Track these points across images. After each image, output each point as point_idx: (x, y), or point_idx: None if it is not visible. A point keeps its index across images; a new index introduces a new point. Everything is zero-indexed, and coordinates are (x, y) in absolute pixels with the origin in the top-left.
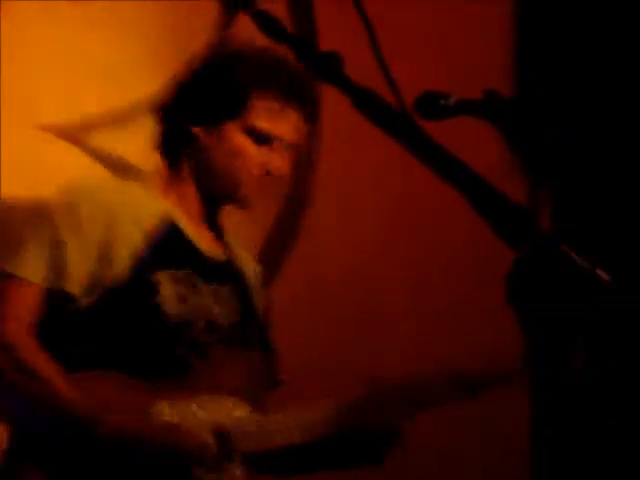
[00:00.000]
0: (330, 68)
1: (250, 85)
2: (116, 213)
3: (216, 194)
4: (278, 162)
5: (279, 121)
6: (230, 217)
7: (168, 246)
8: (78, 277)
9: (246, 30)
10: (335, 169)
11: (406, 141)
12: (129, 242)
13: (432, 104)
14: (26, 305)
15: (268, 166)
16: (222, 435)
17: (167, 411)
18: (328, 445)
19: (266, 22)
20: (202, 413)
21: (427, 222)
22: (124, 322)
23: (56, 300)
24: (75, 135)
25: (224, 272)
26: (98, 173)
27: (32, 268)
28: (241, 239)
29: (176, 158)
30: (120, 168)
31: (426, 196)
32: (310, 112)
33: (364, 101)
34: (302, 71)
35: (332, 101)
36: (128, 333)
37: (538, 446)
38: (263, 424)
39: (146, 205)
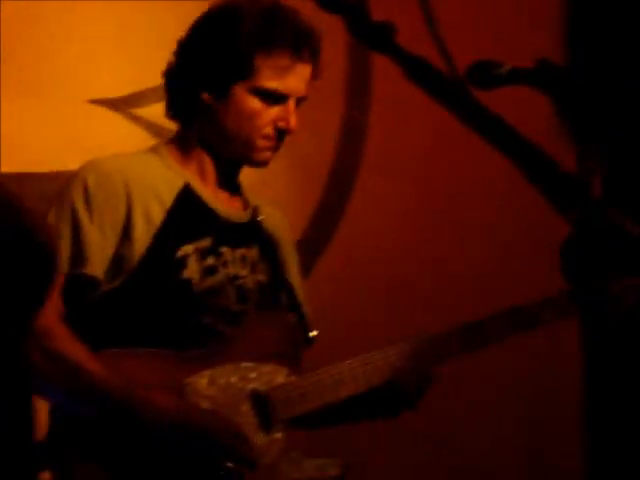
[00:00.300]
0: (383, 38)
1: (255, 45)
2: (134, 190)
3: (231, 157)
4: (289, 118)
5: (287, 77)
6: (278, 187)
7: (189, 217)
8: (100, 260)
9: (295, 2)
10: (384, 140)
11: (459, 109)
12: (149, 216)
13: (484, 73)
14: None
15: (279, 123)
16: (263, 403)
17: (204, 383)
18: (360, 398)
19: None
20: (241, 382)
21: (476, 195)
22: (154, 301)
23: (83, 285)
24: (129, 108)
25: (249, 234)
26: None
27: None
28: (285, 208)
29: (189, 125)
30: None
31: (476, 168)
32: (317, 62)
33: (417, 70)
34: (305, 21)
35: (382, 72)
36: (159, 311)
37: (590, 396)
38: (302, 387)
39: (164, 178)
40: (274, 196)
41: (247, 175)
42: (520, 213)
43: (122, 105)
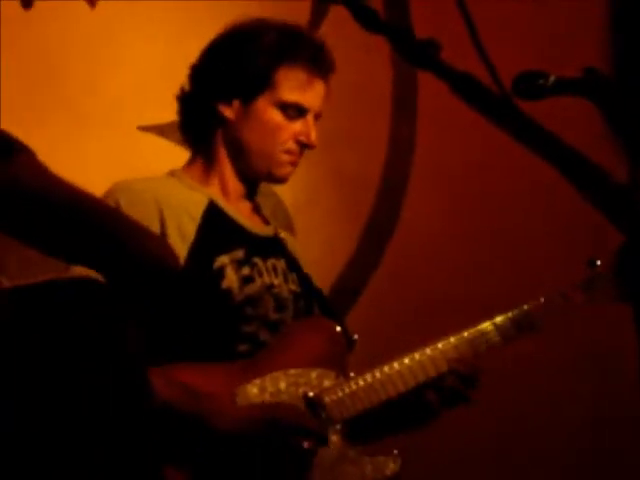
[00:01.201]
0: (427, 55)
1: (276, 59)
2: (164, 206)
3: (252, 172)
4: (309, 133)
5: (307, 92)
6: (326, 206)
7: (219, 231)
8: None
9: (340, 21)
10: (432, 155)
11: (505, 123)
12: (182, 231)
13: (530, 84)
14: None
15: (300, 137)
16: (315, 405)
17: (255, 391)
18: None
19: (361, 12)
20: (291, 388)
21: (528, 208)
22: (197, 313)
23: None
24: (176, 133)
25: (275, 247)
26: None
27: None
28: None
29: (208, 143)
30: None
31: (526, 180)
32: (329, 80)
33: (462, 86)
34: (320, 39)
35: (428, 86)
36: (202, 323)
37: None
38: (352, 388)
39: (189, 197)
40: (323, 216)
41: (295, 197)
42: (570, 226)
43: (169, 131)
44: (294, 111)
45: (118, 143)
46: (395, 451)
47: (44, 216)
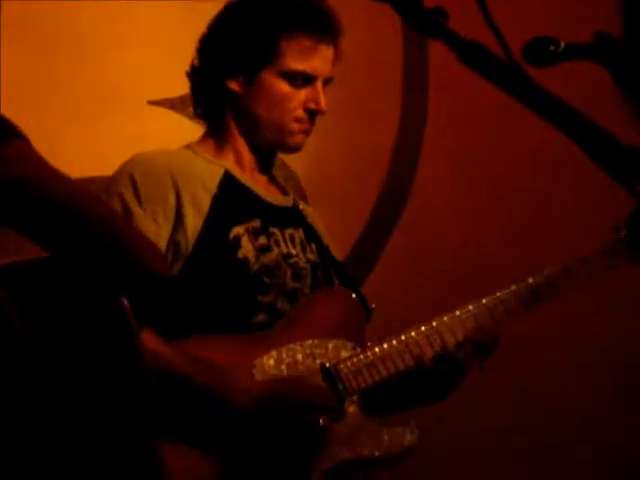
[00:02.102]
0: (435, 24)
1: (278, 28)
2: (179, 177)
3: (265, 144)
4: (318, 99)
5: (313, 58)
6: (339, 178)
7: (236, 201)
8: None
9: None
10: (444, 124)
11: (515, 91)
12: (197, 202)
13: (541, 50)
14: None
15: (309, 105)
16: (332, 376)
17: (272, 363)
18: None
19: None
20: (308, 359)
21: (541, 177)
22: (214, 283)
23: None
24: (187, 107)
25: (293, 217)
26: None
27: None
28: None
29: (220, 117)
30: None
31: (540, 149)
32: (339, 42)
33: (470, 54)
34: (325, 3)
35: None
36: (219, 293)
37: None
38: (369, 358)
39: (204, 168)
40: (336, 187)
41: (307, 169)
42: (587, 197)
43: (180, 104)
44: (301, 79)
45: (129, 118)
46: (412, 422)
47: (32, 205)
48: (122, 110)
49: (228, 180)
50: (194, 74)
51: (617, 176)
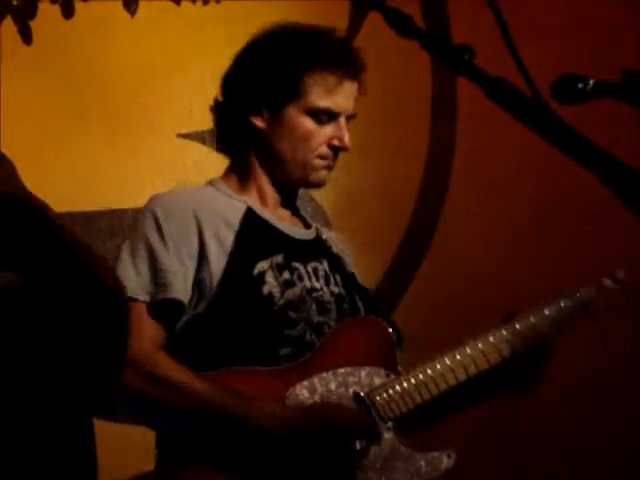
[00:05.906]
0: (462, 60)
1: (303, 65)
2: (202, 217)
3: (288, 180)
4: (342, 136)
5: (337, 95)
6: (368, 210)
7: (258, 237)
8: (182, 285)
9: (379, 26)
10: (472, 158)
11: (540, 128)
12: (221, 240)
13: (570, 88)
14: (141, 321)
15: (333, 142)
16: (366, 404)
17: (305, 393)
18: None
19: (397, 19)
20: (341, 388)
21: (567, 210)
22: (240, 320)
23: (169, 311)
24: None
25: (316, 250)
26: None
27: (133, 284)
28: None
29: (243, 153)
30: None
31: (566, 183)
32: (362, 78)
33: (496, 90)
34: (347, 39)
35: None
36: (246, 329)
37: None
38: (403, 385)
39: (226, 205)
40: (365, 220)
41: (336, 202)
42: (612, 231)
43: (210, 138)
44: (325, 116)
45: (158, 151)
46: (452, 447)
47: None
48: (152, 141)
49: (250, 216)
50: (218, 109)
51: None
